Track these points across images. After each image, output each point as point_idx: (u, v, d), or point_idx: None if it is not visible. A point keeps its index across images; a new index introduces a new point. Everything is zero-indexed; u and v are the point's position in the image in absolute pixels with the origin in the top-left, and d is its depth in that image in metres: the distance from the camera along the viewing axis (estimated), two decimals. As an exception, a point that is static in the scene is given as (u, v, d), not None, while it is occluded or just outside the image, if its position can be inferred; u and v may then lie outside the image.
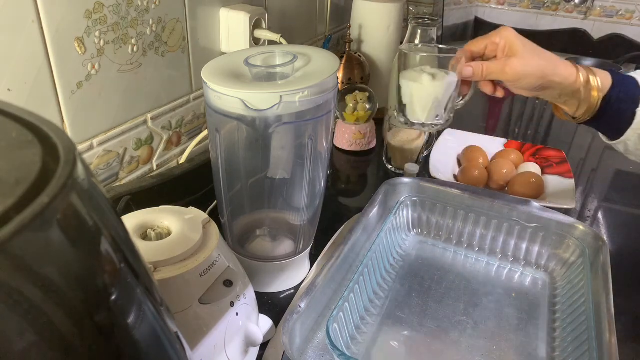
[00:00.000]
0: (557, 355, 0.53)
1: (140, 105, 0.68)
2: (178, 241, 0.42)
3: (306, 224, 0.60)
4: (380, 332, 0.55)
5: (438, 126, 0.64)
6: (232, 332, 0.45)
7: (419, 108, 0.62)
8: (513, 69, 0.56)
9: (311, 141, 0.53)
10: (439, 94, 0.61)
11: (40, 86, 0.53)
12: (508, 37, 0.58)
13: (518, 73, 0.56)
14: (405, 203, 0.70)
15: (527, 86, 0.58)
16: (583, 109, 0.59)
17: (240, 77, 0.51)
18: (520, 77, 0.57)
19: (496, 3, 1.65)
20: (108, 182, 0.65)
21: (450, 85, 0.61)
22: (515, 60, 0.57)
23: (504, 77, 0.58)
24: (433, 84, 0.60)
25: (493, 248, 0.67)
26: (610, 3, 1.51)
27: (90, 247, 0.18)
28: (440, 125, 0.64)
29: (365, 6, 1.04)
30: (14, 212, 0.15)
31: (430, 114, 0.62)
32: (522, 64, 0.56)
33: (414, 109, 0.63)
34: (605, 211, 0.83)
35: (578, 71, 0.58)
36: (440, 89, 0.60)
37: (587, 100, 0.58)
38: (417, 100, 0.62)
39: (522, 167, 0.86)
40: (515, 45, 0.57)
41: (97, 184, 0.20)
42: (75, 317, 0.17)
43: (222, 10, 0.78)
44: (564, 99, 0.60)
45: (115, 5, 0.59)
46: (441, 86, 0.60)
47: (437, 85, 0.60)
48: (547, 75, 0.57)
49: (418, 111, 0.63)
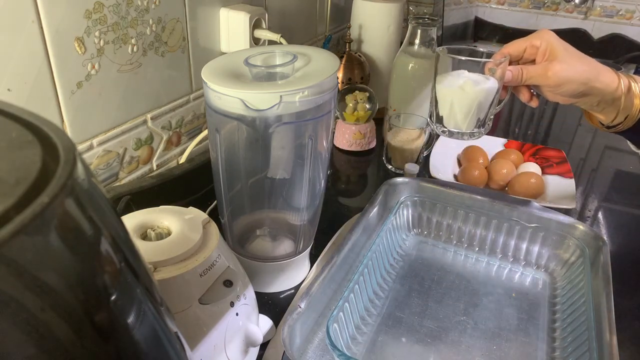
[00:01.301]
0: (557, 355, 0.53)
1: (140, 105, 0.68)
2: (178, 241, 0.42)
3: (306, 224, 0.60)
4: (380, 332, 0.55)
5: (476, 135, 0.60)
6: (232, 332, 0.45)
7: (461, 116, 0.58)
8: (556, 73, 0.53)
9: (311, 141, 0.53)
10: (482, 100, 0.57)
11: (40, 86, 0.53)
12: (549, 39, 0.55)
13: (561, 78, 0.53)
14: (405, 203, 0.69)
15: (568, 92, 0.55)
16: (622, 117, 0.56)
17: (240, 77, 0.51)
18: (563, 82, 0.54)
19: (496, 3, 1.65)
20: (108, 182, 0.65)
21: (492, 90, 0.57)
22: (557, 64, 0.54)
23: (545, 81, 0.55)
24: (475, 89, 0.56)
25: (493, 248, 0.67)
26: (610, 3, 1.51)
27: (90, 247, 0.18)
28: (479, 134, 0.60)
29: (365, 6, 1.04)
30: (13, 212, 0.15)
31: (472, 121, 0.58)
32: (565, 68, 0.53)
33: (455, 117, 0.59)
34: (605, 211, 0.83)
35: (619, 78, 0.55)
36: (482, 94, 0.56)
37: (628, 108, 0.56)
38: (458, 108, 0.58)
39: (522, 167, 0.86)
40: (557, 49, 0.54)
41: (97, 184, 0.20)
42: (75, 317, 0.17)
43: (222, 10, 0.78)
44: (602, 107, 0.57)
45: (115, 5, 0.59)
46: (483, 91, 0.56)
47: (479, 91, 0.56)
48: (590, 81, 0.54)
49: (459, 119, 0.59)
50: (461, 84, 0.57)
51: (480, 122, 0.59)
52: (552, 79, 0.54)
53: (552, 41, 0.55)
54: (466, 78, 0.57)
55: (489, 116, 0.59)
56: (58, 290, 0.16)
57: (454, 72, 0.58)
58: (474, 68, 0.57)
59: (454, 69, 0.58)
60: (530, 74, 0.56)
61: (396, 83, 0.94)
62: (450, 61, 0.57)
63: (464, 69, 0.58)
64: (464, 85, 0.57)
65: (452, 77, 0.58)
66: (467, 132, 0.60)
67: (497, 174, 0.83)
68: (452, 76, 0.58)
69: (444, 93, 0.59)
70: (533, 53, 0.57)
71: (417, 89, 0.92)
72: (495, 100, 0.58)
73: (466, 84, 0.57)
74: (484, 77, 0.57)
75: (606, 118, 0.58)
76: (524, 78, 0.56)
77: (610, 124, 0.58)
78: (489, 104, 0.58)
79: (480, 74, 0.57)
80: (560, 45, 0.55)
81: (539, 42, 0.56)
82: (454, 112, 0.59)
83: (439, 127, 0.61)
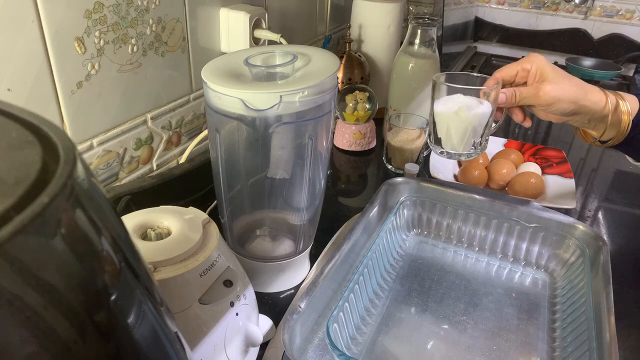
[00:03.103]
0: (557, 355, 0.53)
1: (140, 105, 0.68)
2: (178, 241, 0.42)
3: (306, 224, 0.60)
4: (380, 332, 0.55)
5: (473, 155, 0.63)
6: (232, 332, 0.45)
7: (457, 139, 0.61)
8: (546, 93, 0.57)
9: (311, 141, 0.53)
10: (476, 124, 0.60)
11: (40, 86, 0.53)
12: (539, 63, 0.58)
13: (552, 97, 0.57)
14: (405, 203, 0.69)
15: (559, 111, 0.58)
16: (612, 133, 0.60)
17: (240, 77, 0.51)
18: (554, 101, 0.57)
19: (496, 3, 1.65)
20: (108, 182, 0.65)
21: (485, 114, 0.60)
22: (548, 85, 0.57)
23: (537, 101, 0.58)
24: (469, 115, 0.59)
25: (493, 248, 0.67)
26: (610, 3, 1.51)
27: (90, 247, 0.18)
28: (476, 154, 0.63)
29: (365, 6, 1.04)
30: (13, 212, 0.15)
31: (467, 143, 0.62)
32: (555, 88, 0.57)
33: (451, 140, 0.62)
34: (605, 211, 0.83)
35: (607, 96, 0.58)
36: (476, 119, 0.59)
37: (616, 124, 0.59)
38: (454, 131, 0.61)
39: (522, 167, 0.86)
40: (546, 71, 0.58)
41: (97, 184, 0.20)
42: (75, 317, 0.17)
43: (222, 10, 0.78)
44: (593, 124, 0.60)
45: (115, 5, 0.59)
46: (477, 116, 0.59)
47: (472, 116, 0.59)
48: (579, 100, 0.57)
49: (455, 142, 0.62)
50: (456, 110, 0.60)
51: (476, 144, 0.62)
52: (544, 99, 0.57)
53: (541, 64, 0.59)
54: (461, 103, 0.60)
55: (485, 137, 0.62)
56: (58, 291, 0.16)
57: (450, 96, 0.61)
58: (469, 92, 0.60)
59: (449, 93, 0.61)
60: (523, 95, 0.59)
61: (396, 83, 0.94)
62: (446, 88, 0.61)
63: (459, 93, 0.60)
64: (459, 111, 0.60)
65: (447, 102, 0.61)
66: (464, 153, 0.63)
67: (497, 174, 0.83)
68: (447, 101, 0.61)
69: (440, 117, 0.62)
70: (524, 76, 0.60)
71: (417, 89, 0.92)
72: (490, 122, 0.61)
73: (460, 109, 0.60)
74: (477, 101, 0.60)
75: (597, 134, 0.62)
76: (518, 99, 0.59)
77: (602, 139, 0.62)
78: (483, 127, 0.61)
79: (475, 98, 0.60)
80: (550, 68, 0.59)
81: (529, 66, 0.59)
82: (450, 135, 0.62)
83: (437, 148, 0.64)
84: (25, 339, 0.15)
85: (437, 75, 0.62)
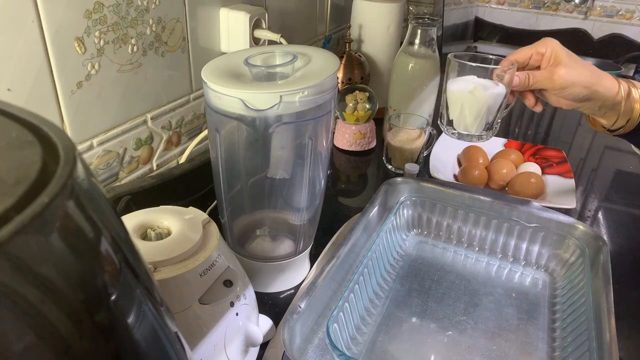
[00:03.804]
0: (557, 355, 0.53)
1: (140, 105, 0.68)
2: (178, 241, 0.42)
3: (306, 224, 0.60)
4: (380, 332, 0.55)
5: (484, 137, 0.63)
6: (232, 332, 0.45)
7: (470, 119, 0.61)
8: (561, 77, 0.57)
9: (311, 141, 0.53)
10: (491, 103, 0.60)
11: (40, 86, 0.53)
12: (553, 47, 0.58)
13: (566, 81, 0.56)
14: (405, 203, 0.69)
15: (572, 96, 0.58)
16: (623, 121, 0.59)
17: (240, 77, 0.51)
18: (567, 85, 0.57)
19: (496, 3, 1.65)
20: (108, 182, 0.65)
21: (500, 95, 0.60)
22: (562, 68, 0.57)
23: (551, 84, 0.58)
24: (484, 94, 0.59)
25: (493, 248, 0.67)
26: (610, 3, 1.51)
27: (90, 247, 0.18)
28: (487, 137, 0.63)
29: (365, 6, 1.04)
30: (13, 212, 0.15)
31: (480, 124, 0.62)
32: (570, 72, 0.57)
33: (465, 120, 0.62)
34: (605, 211, 0.83)
35: (620, 83, 0.58)
36: (491, 99, 0.60)
37: (628, 112, 0.58)
38: (468, 111, 0.61)
39: (522, 167, 0.86)
40: (561, 55, 0.58)
41: (97, 184, 0.20)
42: (75, 317, 0.17)
43: (222, 10, 0.78)
44: (603, 112, 0.60)
45: (115, 5, 0.59)
46: (492, 96, 0.59)
47: (488, 96, 0.59)
48: (593, 85, 0.57)
49: (469, 122, 0.62)
50: (471, 89, 0.60)
51: (488, 125, 0.62)
52: (558, 82, 0.57)
53: (556, 48, 0.58)
54: (476, 83, 0.60)
55: (497, 120, 0.62)
56: (58, 291, 0.16)
57: (464, 77, 0.60)
58: (483, 74, 0.60)
59: (465, 73, 0.60)
60: (536, 78, 0.59)
61: (396, 83, 0.94)
62: (461, 67, 0.60)
63: (473, 75, 0.60)
64: (474, 90, 0.60)
65: (462, 82, 0.61)
66: (475, 134, 0.63)
67: (497, 174, 0.83)
68: (462, 81, 0.61)
69: (454, 97, 0.62)
70: (538, 60, 0.60)
71: (417, 89, 0.92)
72: (503, 104, 0.61)
73: (476, 88, 0.59)
74: (493, 83, 0.60)
75: (608, 122, 0.61)
76: (531, 82, 0.59)
77: (612, 127, 0.61)
78: (497, 108, 0.61)
79: (489, 80, 0.60)
80: (564, 52, 0.58)
81: (544, 49, 0.59)
82: (464, 115, 0.61)
83: (449, 129, 0.64)
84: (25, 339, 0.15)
85: (453, 54, 0.62)
